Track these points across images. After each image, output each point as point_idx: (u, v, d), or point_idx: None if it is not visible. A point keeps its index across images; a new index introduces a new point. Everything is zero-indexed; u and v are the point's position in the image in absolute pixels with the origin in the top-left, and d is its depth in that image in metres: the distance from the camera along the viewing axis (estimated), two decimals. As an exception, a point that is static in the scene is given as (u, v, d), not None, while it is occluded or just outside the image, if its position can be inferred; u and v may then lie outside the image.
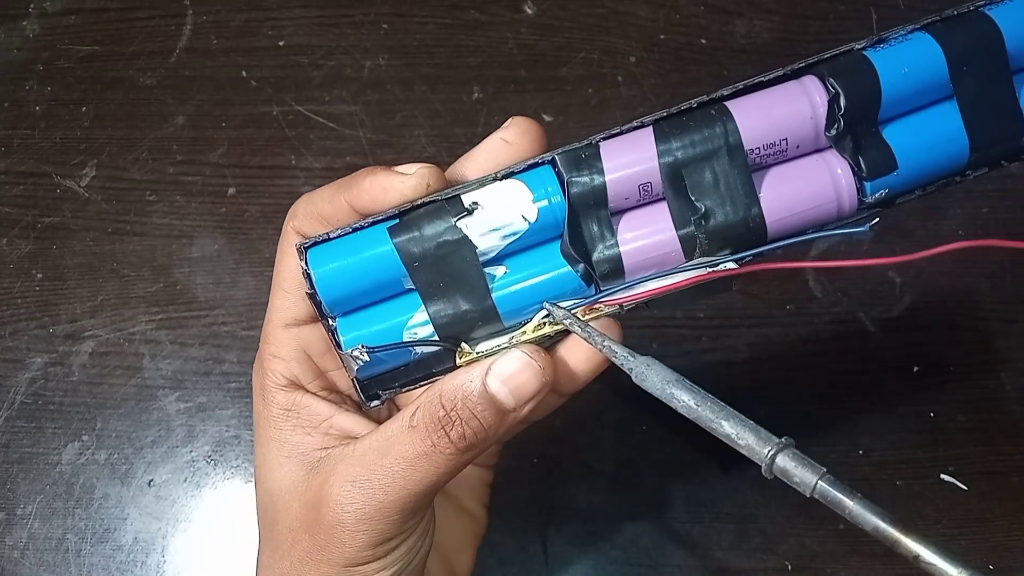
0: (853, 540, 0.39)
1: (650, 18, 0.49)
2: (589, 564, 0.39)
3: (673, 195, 0.23)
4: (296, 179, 0.46)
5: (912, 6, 0.49)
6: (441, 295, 0.23)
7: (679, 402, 0.22)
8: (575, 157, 0.23)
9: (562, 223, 0.23)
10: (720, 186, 0.23)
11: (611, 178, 0.23)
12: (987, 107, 0.23)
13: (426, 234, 0.23)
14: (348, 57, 0.48)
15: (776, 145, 0.23)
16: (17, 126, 0.47)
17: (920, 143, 0.23)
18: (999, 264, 0.44)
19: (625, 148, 0.23)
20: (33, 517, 0.40)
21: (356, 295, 0.24)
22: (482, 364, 0.24)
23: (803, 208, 0.23)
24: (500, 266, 0.24)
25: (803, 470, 0.20)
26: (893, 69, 0.23)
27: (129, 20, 0.50)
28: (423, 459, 0.23)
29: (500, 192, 0.23)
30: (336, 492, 0.24)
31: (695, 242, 0.23)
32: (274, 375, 0.26)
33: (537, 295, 0.24)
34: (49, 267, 0.44)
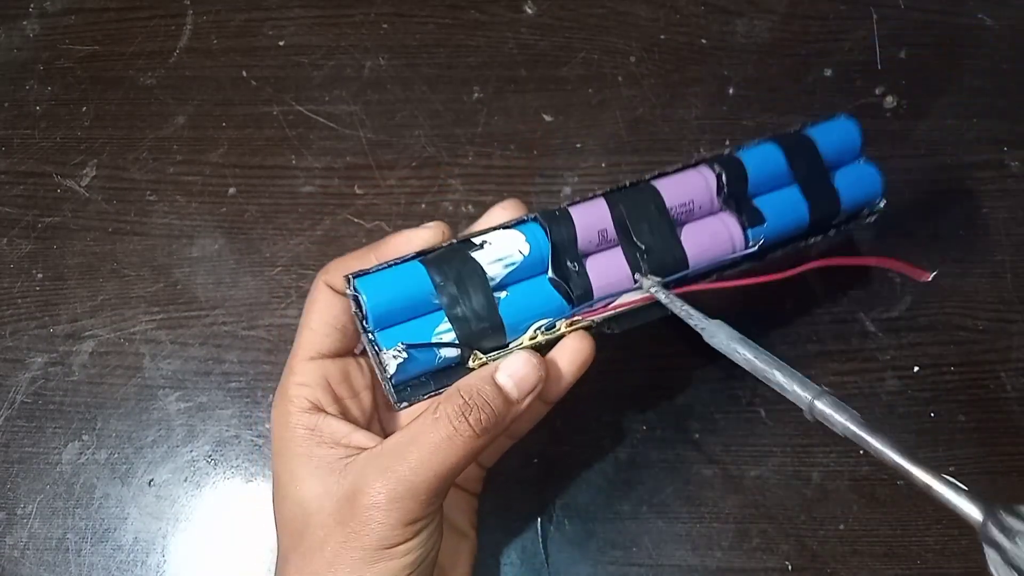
0: (853, 540, 0.39)
1: (650, 18, 0.49)
2: (589, 564, 0.39)
3: (623, 239, 0.33)
4: (296, 179, 0.46)
5: (912, 6, 0.49)
6: (460, 311, 0.30)
7: (740, 356, 0.29)
8: (553, 215, 0.32)
9: (547, 260, 0.31)
10: (654, 233, 0.33)
11: (579, 226, 0.32)
12: (816, 189, 0.35)
13: (449, 263, 0.30)
14: (348, 57, 0.48)
15: (687, 205, 0.34)
16: (17, 126, 0.47)
17: (778, 208, 0.35)
18: (999, 264, 0.44)
19: (587, 210, 0.32)
20: (33, 517, 0.40)
21: (395, 311, 0.30)
22: (491, 365, 0.30)
23: (710, 246, 0.33)
24: (503, 291, 0.31)
25: (837, 413, 0.26)
26: (754, 161, 0.35)
27: (129, 20, 0.50)
28: (447, 443, 0.27)
29: (502, 235, 0.31)
30: (370, 480, 0.27)
31: (640, 270, 0.32)
32: (299, 400, 0.30)
33: (532, 312, 0.31)
34: (49, 267, 0.44)
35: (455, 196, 0.45)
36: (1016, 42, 0.48)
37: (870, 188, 0.37)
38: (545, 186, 0.45)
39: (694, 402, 0.41)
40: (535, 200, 0.45)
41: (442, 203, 0.45)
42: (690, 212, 0.34)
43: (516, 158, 0.46)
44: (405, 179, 0.46)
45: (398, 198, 0.45)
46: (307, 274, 0.44)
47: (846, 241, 0.44)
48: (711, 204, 0.34)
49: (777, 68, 0.48)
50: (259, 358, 0.42)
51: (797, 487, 0.40)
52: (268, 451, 0.41)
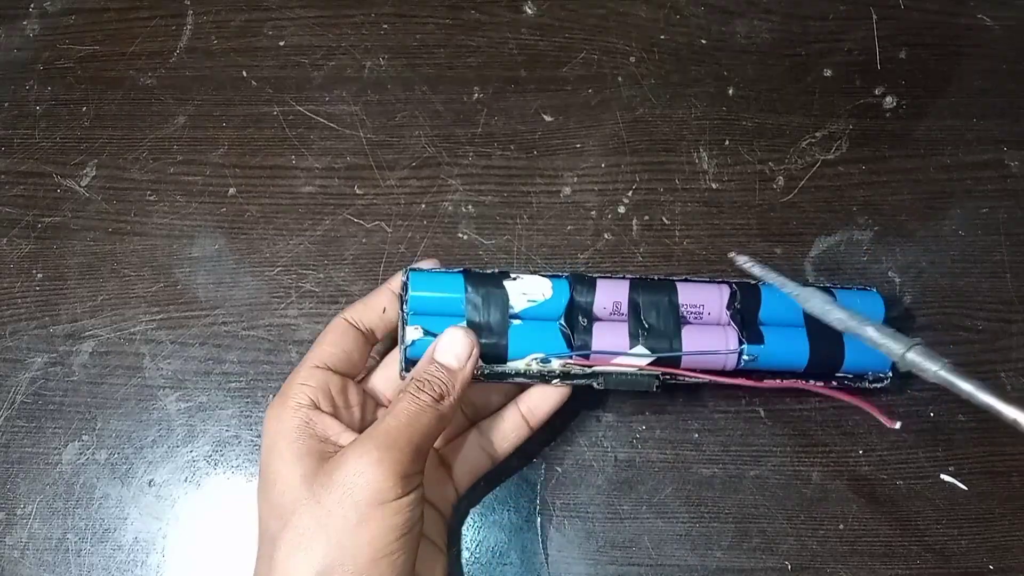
0: (853, 540, 0.39)
1: (650, 18, 0.49)
2: (589, 564, 0.39)
3: (632, 315, 0.37)
4: (296, 179, 0.46)
5: (912, 6, 0.49)
6: (477, 321, 0.36)
7: (834, 317, 0.33)
8: (582, 278, 0.37)
9: (563, 310, 0.37)
10: (660, 319, 0.37)
11: (599, 293, 0.37)
12: (823, 341, 0.37)
13: (484, 282, 0.37)
14: (348, 57, 0.48)
15: (698, 308, 0.38)
16: (17, 126, 0.47)
17: (780, 341, 0.37)
18: (999, 264, 0.44)
19: (611, 284, 0.37)
20: (33, 517, 0.40)
21: (429, 305, 0.36)
22: (430, 347, 0.34)
23: (705, 346, 0.37)
24: (518, 320, 0.37)
25: (928, 361, 0.30)
26: (772, 292, 0.38)
27: (129, 20, 0.50)
28: (416, 413, 0.32)
29: (534, 278, 0.37)
30: (356, 448, 0.31)
31: (641, 341, 0.36)
32: (299, 396, 0.33)
33: (534, 345, 0.36)
34: (49, 267, 0.44)
35: (455, 196, 0.45)
36: (1016, 42, 0.48)
37: (879, 362, 0.38)
38: (545, 186, 0.45)
39: (694, 402, 0.41)
40: (535, 200, 0.45)
41: (442, 203, 0.45)
42: (699, 315, 0.37)
43: (516, 158, 0.46)
44: (405, 179, 0.46)
45: (398, 198, 0.45)
46: (307, 274, 0.44)
47: (844, 241, 0.44)
48: (719, 315, 0.38)
49: (777, 68, 0.48)
50: (259, 358, 0.42)
51: (797, 487, 0.40)
52: (268, 451, 0.41)
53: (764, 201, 0.45)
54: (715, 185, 0.45)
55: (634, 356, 0.36)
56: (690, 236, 0.44)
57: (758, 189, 0.45)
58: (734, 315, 0.37)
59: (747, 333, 0.37)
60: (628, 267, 0.44)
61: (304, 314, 0.43)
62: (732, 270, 0.39)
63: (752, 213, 0.45)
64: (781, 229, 0.44)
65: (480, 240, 0.44)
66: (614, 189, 0.45)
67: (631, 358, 0.36)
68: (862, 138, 0.46)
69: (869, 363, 0.38)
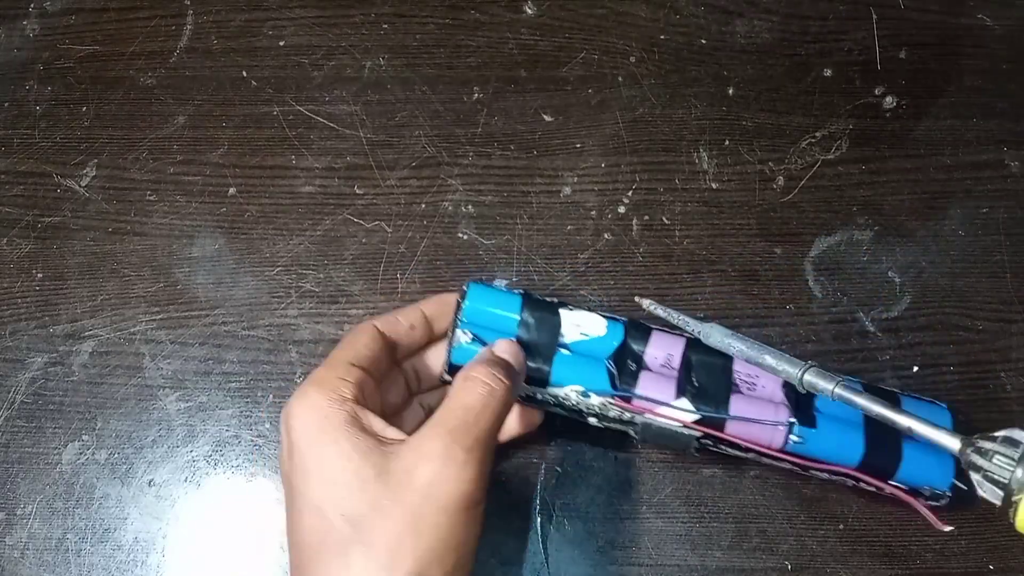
0: (853, 540, 0.39)
1: (650, 18, 0.49)
2: (589, 564, 0.39)
3: (683, 370, 0.36)
4: (296, 179, 0.46)
5: (912, 6, 0.49)
6: (525, 344, 0.36)
7: (735, 349, 0.34)
8: (639, 325, 0.37)
9: (613, 351, 0.36)
10: (711, 380, 0.36)
11: (652, 344, 0.37)
12: (881, 443, 0.35)
13: (541, 307, 0.37)
14: (348, 57, 0.48)
15: (752, 379, 0.37)
16: (17, 126, 0.47)
17: (834, 432, 0.35)
18: (999, 264, 0.44)
19: (667, 338, 0.37)
20: (33, 517, 0.40)
21: (483, 317, 0.37)
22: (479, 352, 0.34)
23: (752, 415, 0.35)
24: (567, 350, 0.37)
25: (823, 380, 0.32)
26: None
27: (129, 20, 0.50)
28: (488, 395, 0.31)
29: (589, 314, 0.37)
30: (432, 446, 0.29)
31: (688, 397, 0.35)
32: (341, 390, 0.31)
33: (578, 376, 0.36)
34: (49, 267, 0.44)
35: (455, 196, 0.45)
36: (1016, 42, 0.48)
37: (938, 477, 0.36)
38: (545, 186, 0.45)
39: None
40: (535, 200, 0.45)
41: (442, 203, 0.45)
42: (752, 387, 0.37)
43: (516, 158, 0.46)
44: (405, 179, 0.46)
45: (398, 198, 0.45)
46: (307, 274, 0.44)
47: (844, 241, 0.44)
48: (774, 391, 0.36)
49: (777, 68, 0.48)
50: (259, 358, 0.42)
51: (797, 487, 0.40)
52: (268, 451, 0.41)
53: (764, 201, 0.45)
54: (715, 185, 0.45)
55: (677, 409, 0.35)
56: (690, 236, 0.44)
57: (758, 189, 0.45)
58: (789, 394, 0.36)
59: (800, 415, 0.35)
60: (628, 267, 0.44)
61: (304, 314, 0.43)
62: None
63: (752, 213, 0.45)
64: (781, 229, 0.44)
65: (480, 240, 0.44)
66: (614, 189, 0.45)
67: (674, 411, 0.35)
68: (862, 138, 0.46)
69: (927, 477, 0.36)
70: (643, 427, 0.35)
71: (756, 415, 0.35)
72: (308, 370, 0.42)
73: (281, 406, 0.41)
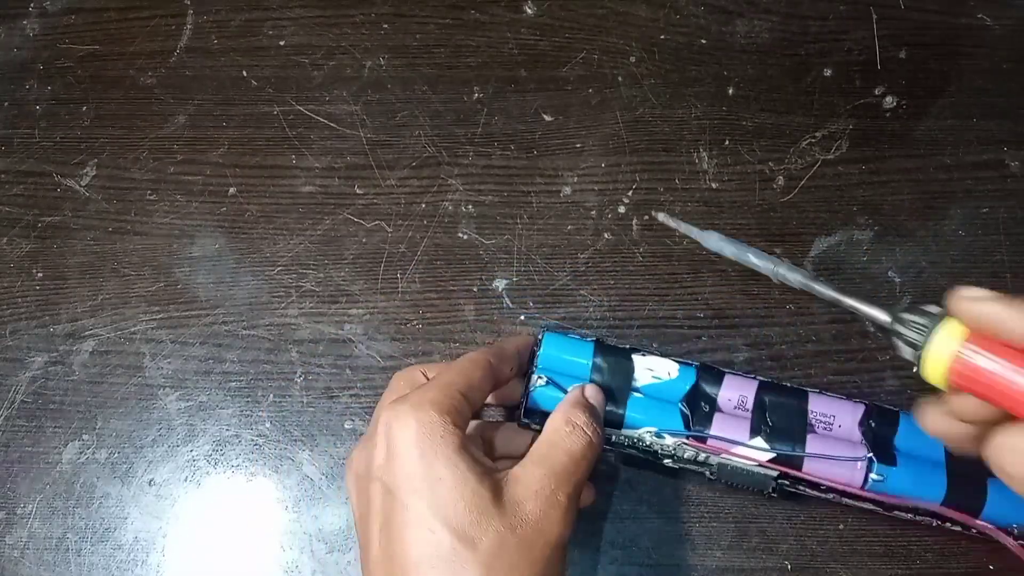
0: (853, 540, 0.39)
1: (650, 18, 0.49)
2: (589, 564, 0.39)
3: (756, 411, 0.37)
4: (296, 179, 0.46)
5: (912, 6, 0.49)
6: (603, 390, 0.37)
7: (728, 251, 0.35)
8: (710, 369, 0.38)
9: (685, 393, 0.37)
10: (786, 420, 0.36)
11: (725, 387, 0.37)
12: (964, 480, 0.35)
13: (613, 353, 0.38)
14: (348, 57, 0.48)
15: (828, 419, 0.36)
16: (17, 125, 0.47)
17: (915, 469, 0.35)
18: (999, 264, 0.44)
19: (739, 381, 0.38)
20: (33, 516, 0.40)
21: (557, 363, 0.38)
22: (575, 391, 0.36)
23: (830, 452, 0.35)
24: (640, 393, 0.37)
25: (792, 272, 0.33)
26: (909, 426, 0.36)
27: (129, 20, 0.50)
28: (588, 448, 0.33)
29: (661, 359, 0.38)
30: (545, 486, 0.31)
31: (764, 437, 0.36)
32: (455, 415, 0.32)
33: (651, 419, 0.36)
34: (49, 266, 0.44)
35: (455, 196, 0.45)
36: (1016, 42, 0.48)
37: None
38: (545, 186, 0.45)
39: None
40: (535, 200, 0.45)
41: (442, 203, 0.45)
42: (828, 426, 0.36)
43: (516, 158, 0.46)
44: (405, 179, 0.46)
45: (398, 198, 0.45)
46: (307, 274, 0.44)
47: (844, 242, 0.44)
48: (851, 430, 0.36)
49: (777, 68, 0.48)
50: (259, 358, 0.42)
51: (797, 487, 0.40)
52: (269, 450, 0.41)
53: (764, 201, 0.45)
54: (715, 185, 0.45)
55: (752, 448, 0.35)
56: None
57: (758, 189, 0.45)
58: (867, 433, 0.36)
59: (878, 452, 0.35)
60: (628, 267, 0.43)
61: (304, 314, 0.43)
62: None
63: (752, 213, 0.45)
64: (781, 229, 0.44)
65: (480, 240, 0.44)
66: (614, 189, 0.45)
67: (749, 450, 0.35)
68: (862, 138, 0.46)
69: (1015, 515, 0.35)
70: (719, 467, 0.36)
71: (835, 452, 0.35)
72: (309, 370, 0.42)
73: (282, 406, 0.41)
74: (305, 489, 0.40)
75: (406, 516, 0.29)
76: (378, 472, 0.31)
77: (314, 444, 0.41)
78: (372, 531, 0.31)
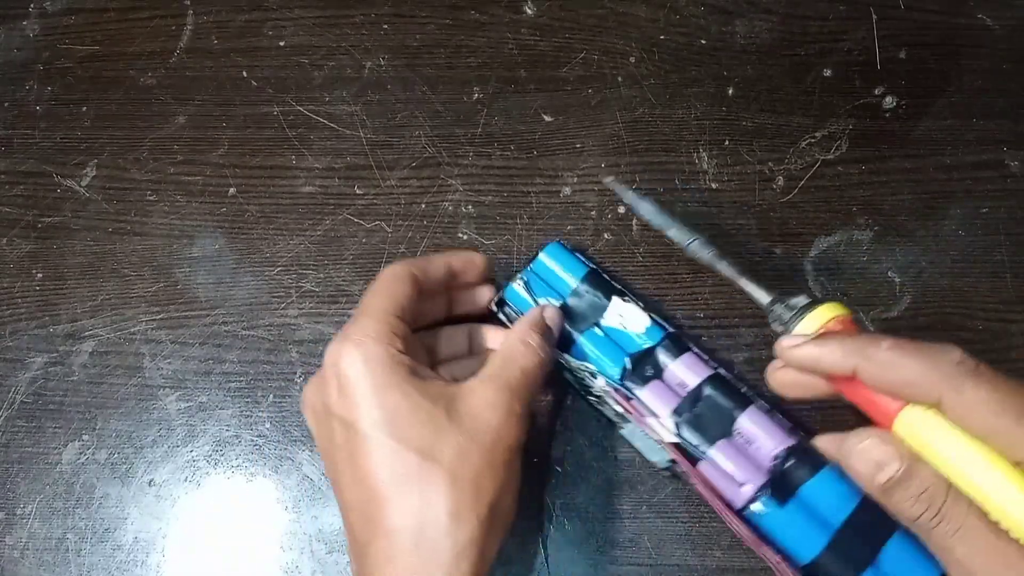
0: (853, 540, 0.39)
1: (650, 18, 0.49)
2: (589, 564, 0.39)
3: (690, 396, 0.37)
4: (296, 179, 0.46)
5: (912, 6, 0.49)
6: (566, 309, 0.39)
7: (656, 221, 0.37)
8: (676, 340, 0.39)
9: (640, 351, 0.38)
10: (709, 417, 0.37)
11: (680, 362, 0.38)
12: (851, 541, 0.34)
13: (596, 286, 0.40)
14: (348, 57, 0.48)
15: (746, 437, 0.36)
16: (17, 126, 0.47)
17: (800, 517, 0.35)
18: (999, 264, 0.44)
19: (693, 365, 0.38)
20: (33, 517, 0.40)
21: (549, 271, 0.40)
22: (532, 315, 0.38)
23: (730, 467, 0.36)
24: (600, 331, 0.39)
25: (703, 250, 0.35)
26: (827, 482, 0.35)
27: (129, 20, 0.50)
28: (541, 363, 0.35)
29: (639, 312, 0.39)
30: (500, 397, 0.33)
31: (678, 421, 0.37)
32: (397, 344, 0.33)
33: (595, 359, 0.38)
34: (49, 267, 0.44)
35: (455, 196, 0.45)
36: (1016, 42, 0.48)
37: None
38: (545, 186, 0.45)
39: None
40: (535, 200, 0.45)
41: (442, 203, 0.45)
42: (747, 444, 0.36)
43: (516, 158, 0.46)
44: (405, 179, 0.46)
45: (398, 198, 0.45)
46: (307, 274, 0.44)
47: (843, 243, 0.44)
48: (765, 458, 0.36)
49: (777, 68, 0.48)
50: (259, 358, 0.42)
51: (797, 487, 0.40)
52: (269, 450, 0.41)
53: (764, 201, 0.45)
54: (715, 185, 0.45)
55: (661, 427, 0.37)
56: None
57: (758, 189, 0.45)
58: (776, 466, 0.36)
59: (776, 489, 0.35)
60: (628, 267, 0.43)
61: (304, 314, 0.43)
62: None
63: (752, 213, 0.45)
64: (781, 229, 0.44)
65: (480, 240, 0.44)
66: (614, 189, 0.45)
67: (659, 426, 0.37)
68: (862, 138, 0.46)
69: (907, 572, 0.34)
70: (630, 428, 0.38)
71: (733, 467, 0.35)
72: (309, 370, 0.42)
73: (282, 406, 0.41)
74: (305, 489, 0.40)
75: (368, 445, 0.31)
76: (335, 409, 0.33)
77: (314, 444, 0.41)
78: (339, 462, 0.33)
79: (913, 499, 0.26)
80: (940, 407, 0.26)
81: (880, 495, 0.27)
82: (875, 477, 0.27)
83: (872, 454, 0.27)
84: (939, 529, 0.26)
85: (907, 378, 0.26)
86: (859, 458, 0.27)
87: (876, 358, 0.27)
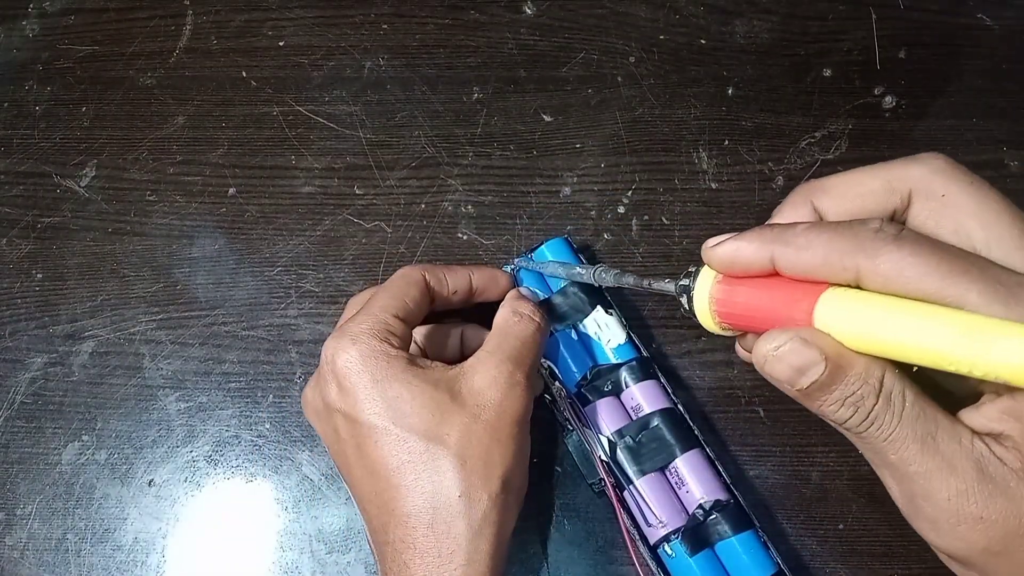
0: (853, 540, 0.39)
1: (650, 18, 0.49)
2: (589, 564, 0.39)
3: (637, 423, 0.38)
4: (296, 179, 0.46)
5: (912, 6, 0.49)
6: (549, 304, 0.40)
7: (567, 274, 0.38)
8: (645, 366, 0.39)
9: (606, 363, 0.39)
10: (650, 450, 0.37)
11: (641, 387, 0.38)
12: None
13: (585, 292, 0.40)
14: (348, 57, 0.48)
15: (684, 479, 0.36)
16: (17, 126, 0.47)
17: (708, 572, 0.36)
18: (999, 264, 0.44)
19: (652, 394, 0.38)
20: (33, 517, 0.40)
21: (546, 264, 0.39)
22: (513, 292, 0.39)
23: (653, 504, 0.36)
24: (576, 334, 0.39)
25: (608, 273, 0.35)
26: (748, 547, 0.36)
27: (129, 20, 0.50)
28: (537, 333, 0.36)
29: (619, 328, 0.39)
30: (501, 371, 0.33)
31: (617, 443, 0.37)
32: (394, 342, 0.34)
33: (559, 361, 0.39)
34: (49, 267, 0.44)
35: (455, 196, 0.45)
36: (1016, 42, 0.48)
37: None
38: (544, 186, 0.45)
39: (693, 402, 0.41)
40: (535, 200, 0.45)
41: (442, 203, 0.45)
42: (678, 484, 0.37)
43: (516, 158, 0.46)
44: (405, 179, 0.46)
45: (398, 198, 0.45)
46: (307, 274, 0.44)
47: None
48: (691, 503, 0.36)
49: (777, 68, 0.48)
50: (259, 358, 0.42)
51: (796, 487, 0.40)
52: (268, 451, 0.41)
53: (764, 201, 0.45)
54: (715, 185, 0.45)
55: (596, 444, 0.37)
56: (689, 236, 0.44)
57: (758, 189, 0.45)
58: (702, 516, 0.36)
59: (692, 537, 0.36)
60: (628, 267, 0.43)
61: (304, 314, 0.43)
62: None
63: (752, 213, 0.45)
64: (781, 229, 0.44)
65: (480, 240, 0.44)
66: (614, 189, 0.45)
67: (595, 441, 0.37)
68: (862, 138, 0.46)
69: None
70: (572, 435, 0.38)
71: (656, 505, 0.36)
72: (308, 370, 0.42)
73: (281, 406, 0.41)
74: (305, 490, 0.40)
75: (375, 435, 0.32)
76: (336, 405, 0.33)
77: (314, 445, 0.41)
78: (348, 456, 0.33)
79: (839, 403, 0.24)
80: (860, 283, 0.23)
81: (804, 400, 0.25)
82: (796, 383, 0.24)
83: (790, 359, 0.24)
84: (869, 433, 0.24)
85: (821, 253, 0.24)
86: (776, 364, 0.24)
87: (793, 241, 0.24)
